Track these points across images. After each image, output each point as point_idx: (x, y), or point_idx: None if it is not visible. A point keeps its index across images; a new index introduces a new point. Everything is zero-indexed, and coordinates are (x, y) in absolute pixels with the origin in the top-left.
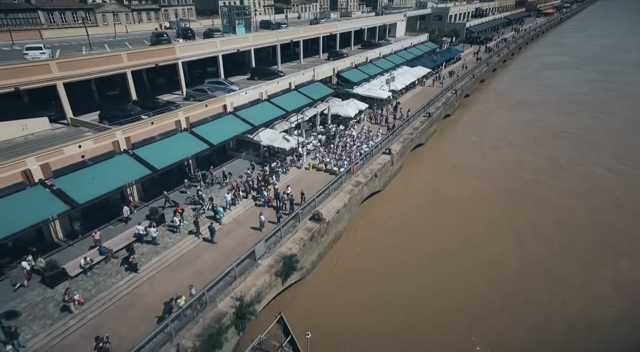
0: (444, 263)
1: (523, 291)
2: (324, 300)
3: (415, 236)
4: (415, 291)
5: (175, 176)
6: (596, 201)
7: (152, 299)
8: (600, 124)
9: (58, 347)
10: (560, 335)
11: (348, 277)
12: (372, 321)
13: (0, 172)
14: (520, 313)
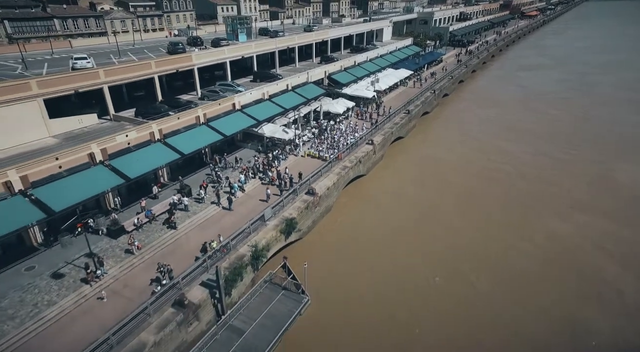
0: (410, 226)
1: (482, 243)
2: (317, 252)
3: (390, 210)
4: (385, 245)
5: (195, 161)
6: (530, 181)
7: (189, 247)
8: (560, 119)
9: (127, 275)
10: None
11: (336, 238)
12: (354, 260)
13: (74, 154)
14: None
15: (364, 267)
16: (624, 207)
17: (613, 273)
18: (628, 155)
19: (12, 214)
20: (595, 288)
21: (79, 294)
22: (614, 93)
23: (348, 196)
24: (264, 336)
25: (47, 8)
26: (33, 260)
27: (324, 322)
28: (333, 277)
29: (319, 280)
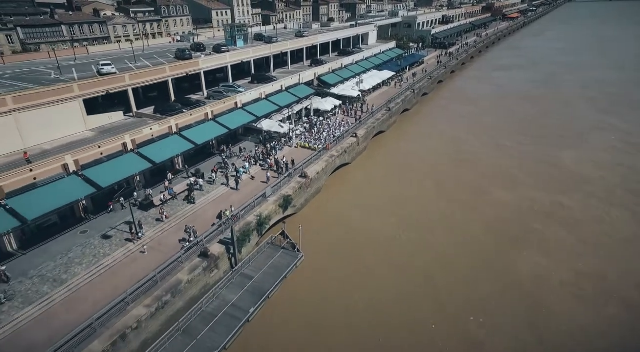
0: (386, 203)
1: (459, 226)
2: (309, 223)
3: (370, 191)
4: (364, 217)
5: (205, 151)
6: (489, 166)
7: (206, 217)
8: (524, 114)
9: (160, 237)
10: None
11: (325, 212)
12: (339, 229)
13: (112, 143)
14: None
15: (347, 234)
16: (560, 182)
17: (540, 224)
18: (576, 144)
19: (69, 189)
20: (528, 235)
21: (125, 249)
22: (576, 91)
23: (335, 180)
24: (268, 281)
25: (55, 15)
26: (85, 226)
27: (315, 273)
28: (322, 241)
29: (311, 243)
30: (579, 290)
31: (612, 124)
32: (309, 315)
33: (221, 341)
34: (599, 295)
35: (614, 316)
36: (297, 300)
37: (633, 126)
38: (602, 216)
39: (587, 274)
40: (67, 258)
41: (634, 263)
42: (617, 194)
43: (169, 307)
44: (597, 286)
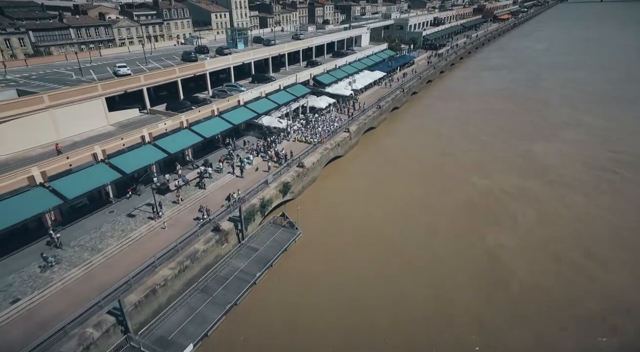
0: (375, 189)
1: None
2: (306, 206)
3: (361, 180)
4: (355, 202)
5: (211, 144)
6: (467, 157)
7: (215, 200)
8: (505, 111)
9: (177, 216)
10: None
11: (319, 198)
12: (332, 212)
13: (132, 136)
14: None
15: (339, 216)
16: (529, 170)
17: (512, 206)
18: (547, 137)
19: (99, 174)
20: (496, 212)
21: (148, 225)
22: (555, 89)
23: (329, 171)
24: (271, 252)
25: (64, 19)
26: (111, 207)
27: (311, 247)
28: (318, 221)
29: (308, 223)
30: (532, 252)
31: (582, 119)
32: (305, 280)
33: (233, 297)
34: (548, 256)
35: (559, 271)
36: (295, 268)
37: (600, 120)
38: (560, 197)
39: (542, 241)
40: (99, 232)
41: (582, 234)
42: (575, 179)
43: (188, 271)
44: (547, 249)
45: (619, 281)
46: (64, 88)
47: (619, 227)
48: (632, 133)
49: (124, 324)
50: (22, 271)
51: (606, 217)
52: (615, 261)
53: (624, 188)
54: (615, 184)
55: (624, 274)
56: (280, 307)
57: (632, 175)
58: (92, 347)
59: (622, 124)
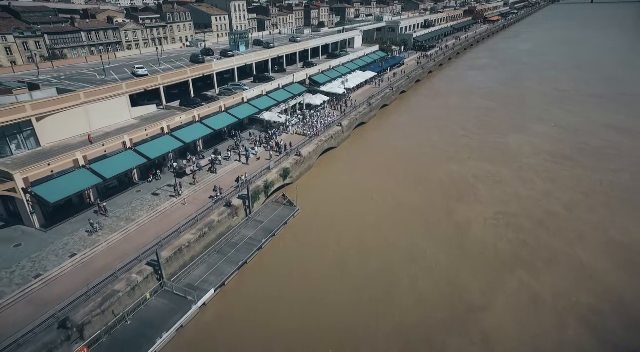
0: (365, 175)
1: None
2: (303, 189)
3: (352, 168)
4: (346, 184)
5: (219, 135)
6: (448, 148)
7: (225, 182)
8: (485, 107)
9: (194, 195)
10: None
11: (315, 182)
12: (326, 193)
13: (153, 128)
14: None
15: (332, 196)
16: (501, 158)
17: (478, 184)
18: (521, 130)
19: (128, 159)
20: (468, 191)
21: (170, 202)
22: (533, 87)
23: (323, 160)
24: (273, 224)
25: (75, 23)
26: (138, 187)
27: (307, 220)
28: (313, 201)
29: (305, 202)
30: (495, 221)
31: (554, 113)
32: (301, 247)
33: (243, 257)
34: (507, 224)
35: (513, 237)
36: (294, 237)
37: (569, 115)
38: (525, 179)
39: (503, 213)
40: (131, 207)
41: (538, 207)
42: (540, 165)
43: (207, 236)
44: (508, 220)
45: (554, 239)
46: (94, 87)
47: (568, 201)
48: (597, 127)
49: (159, 272)
50: (74, 235)
51: (559, 195)
52: (557, 227)
53: (580, 173)
54: (574, 170)
55: (561, 235)
56: (281, 266)
57: (591, 162)
58: (137, 288)
59: (588, 118)
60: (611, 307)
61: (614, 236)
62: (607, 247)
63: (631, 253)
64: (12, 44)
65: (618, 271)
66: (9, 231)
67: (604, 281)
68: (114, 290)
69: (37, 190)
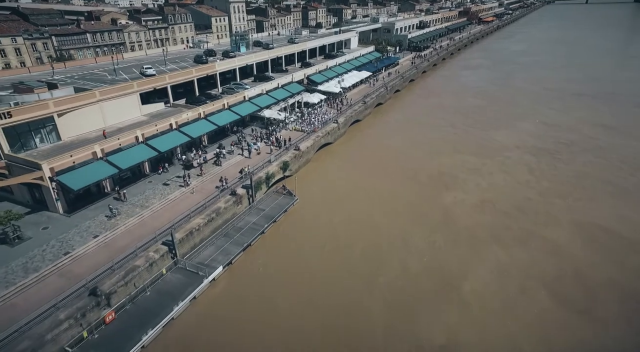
0: (358, 168)
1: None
2: (302, 181)
3: (346, 161)
4: (341, 176)
5: (223, 131)
6: (438, 143)
7: (230, 173)
8: (476, 105)
9: (201, 185)
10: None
11: (313, 174)
12: (323, 184)
13: (163, 124)
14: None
15: (328, 187)
16: (488, 151)
17: (465, 175)
18: (508, 126)
19: (139, 153)
20: (456, 181)
21: (180, 191)
22: (522, 86)
23: (320, 154)
24: (274, 212)
25: (81, 25)
26: (149, 178)
27: (305, 208)
28: (311, 191)
29: (303, 193)
30: (479, 208)
31: (539, 110)
32: (300, 232)
33: (248, 240)
34: (488, 209)
35: (492, 219)
36: (294, 223)
37: (554, 112)
38: (508, 170)
39: (486, 200)
40: (144, 195)
41: (516, 194)
42: (521, 158)
43: (214, 221)
44: (490, 205)
45: (528, 221)
46: (108, 86)
47: (542, 189)
48: (578, 123)
49: (174, 251)
50: (94, 219)
51: (535, 185)
52: (531, 211)
53: (557, 165)
54: (551, 162)
55: (534, 217)
56: (282, 248)
57: (567, 155)
58: (154, 264)
59: (571, 115)
60: (572, 276)
61: (581, 218)
62: (574, 228)
63: (595, 233)
64: (21, 45)
65: (581, 247)
66: (36, 216)
67: (568, 255)
68: (134, 265)
69: (61, 178)
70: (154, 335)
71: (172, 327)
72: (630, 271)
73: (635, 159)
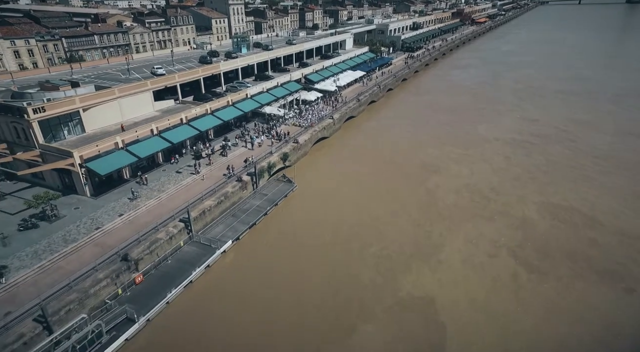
0: (353, 159)
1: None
2: (300, 170)
3: (342, 154)
4: (336, 167)
5: (227, 126)
6: (427, 133)
7: (237, 162)
8: (462, 101)
9: (210, 172)
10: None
11: (310, 165)
12: (320, 173)
13: (174, 118)
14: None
15: (324, 176)
16: (470, 143)
17: (450, 165)
18: (491, 120)
19: (155, 144)
20: (440, 168)
21: (191, 178)
22: (508, 84)
23: (317, 148)
24: (276, 196)
25: (89, 27)
26: (163, 167)
27: (304, 194)
28: (308, 179)
29: (301, 180)
30: (459, 190)
31: (522, 106)
32: (298, 213)
33: (253, 220)
34: (466, 190)
35: (469, 198)
36: (293, 206)
37: (535, 108)
38: (487, 159)
39: (466, 184)
40: (160, 181)
41: (492, 178)
42: (500, 148)
43: (223, 204)
44: (469, 188)
45: (500, 200)
46: (124, 84)
47: (516, 174)
48: (555, 118)
49: (189, 227)
50: (118, 201)
51: (510, 169)
52: (504, 191)
53: (530, 154)
54: (526, 151)
55: (505, 197)
56: (283, 227)
57: (541, 146)
58: (173, 238)
59: (549, 111)
60: (534, 244)
61: (546, 199)
62: (540, 207)
63: (558, 211)
64: (33, 46)
65: (544, 222)
66: (67, 199)
67: (532, 228)
68: (156, 238)
69: (89, 165)
70: (176, 294)
71: (190, 289)
72: (584, 241)
73: (599, 149)
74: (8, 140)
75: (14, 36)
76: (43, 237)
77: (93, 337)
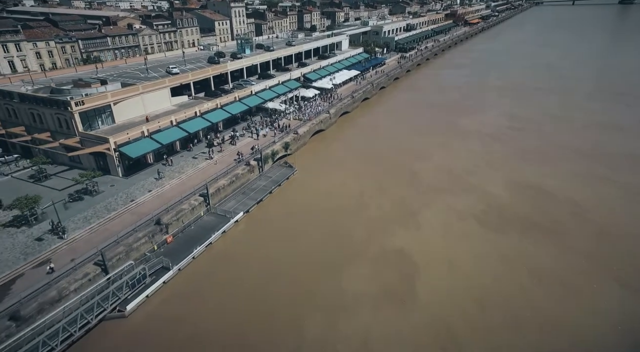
0: (348, 150)
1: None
2: (300, 158)
3: (338, 145)
4: (331, 156)
5: (235, 119)
6: (417, 128)
7: (244, 150)
8: (449, 98)
9: (222, 158)
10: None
11: (308, 154)
12: (317, 160)
13: (190, 112)
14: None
15: (321, 162)
16: (452, 133)
17: (433, 151)
18: (473, 114)
19: (174, 134)
20: (425, 154)
21: (206, 162)
22: (492, 82)
23: (315, 139)
24: (279, 178)
25: (102, 29)
26: (180, 154)
27: (303, 177)
28: (307, 165)
29: (301, 166)
30: (439, 172)
31: (503, 102)
32: (299, 192)
33: (259, 197)
34: (444, 172)
35: (446, 178)
36: (294, 187)
37: (514, 102)
38: (470, 148)
39: (445, 166)
40: (179, 165)
41: (468, 162)
42: (480, 138)
43: (234, 183)
44: (448, 170)
45: (473, 179)
46: (146, 82)
47: (490, 159)
48: (531, 112)
49: (207, 200)
50: (146, 180)
51: (484, 155)
52: (477, 172)
53: (505, 142)
54: (502, 140)
55: (478, 177)
56: (285, 203)
57: (515, 136)
58: (195, 209)
59: (526, 105)
60: (496, 211)
61: (513, 178)
62: (507, 184)
63: (522, 187)
64: (53, 48)
65: (507, 195)
66: (103, 178)
67: (496, 200)
68: (181, 208)
69: (122, 149)
70: (199, 252)
71: (211, 248)
72: (539, 209)
73: (566, 139)
74: (51, 129)
75: (36, 38)
76: (88, 207)
77: (140, 278)
